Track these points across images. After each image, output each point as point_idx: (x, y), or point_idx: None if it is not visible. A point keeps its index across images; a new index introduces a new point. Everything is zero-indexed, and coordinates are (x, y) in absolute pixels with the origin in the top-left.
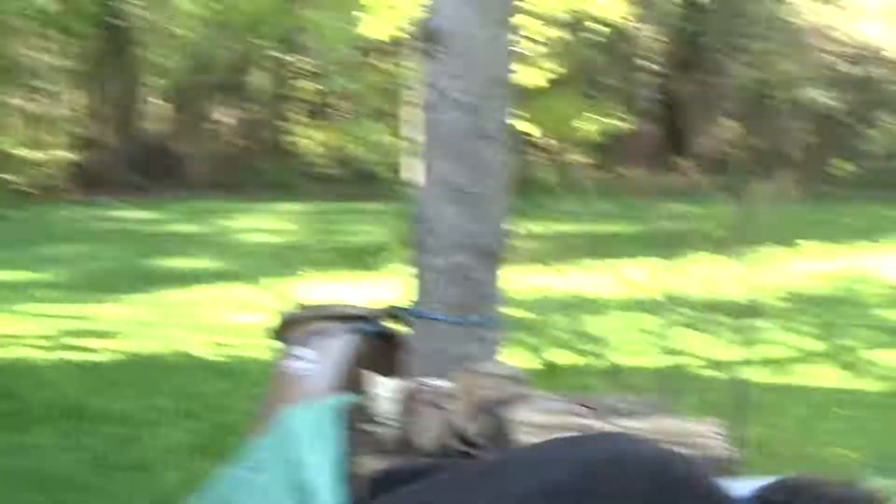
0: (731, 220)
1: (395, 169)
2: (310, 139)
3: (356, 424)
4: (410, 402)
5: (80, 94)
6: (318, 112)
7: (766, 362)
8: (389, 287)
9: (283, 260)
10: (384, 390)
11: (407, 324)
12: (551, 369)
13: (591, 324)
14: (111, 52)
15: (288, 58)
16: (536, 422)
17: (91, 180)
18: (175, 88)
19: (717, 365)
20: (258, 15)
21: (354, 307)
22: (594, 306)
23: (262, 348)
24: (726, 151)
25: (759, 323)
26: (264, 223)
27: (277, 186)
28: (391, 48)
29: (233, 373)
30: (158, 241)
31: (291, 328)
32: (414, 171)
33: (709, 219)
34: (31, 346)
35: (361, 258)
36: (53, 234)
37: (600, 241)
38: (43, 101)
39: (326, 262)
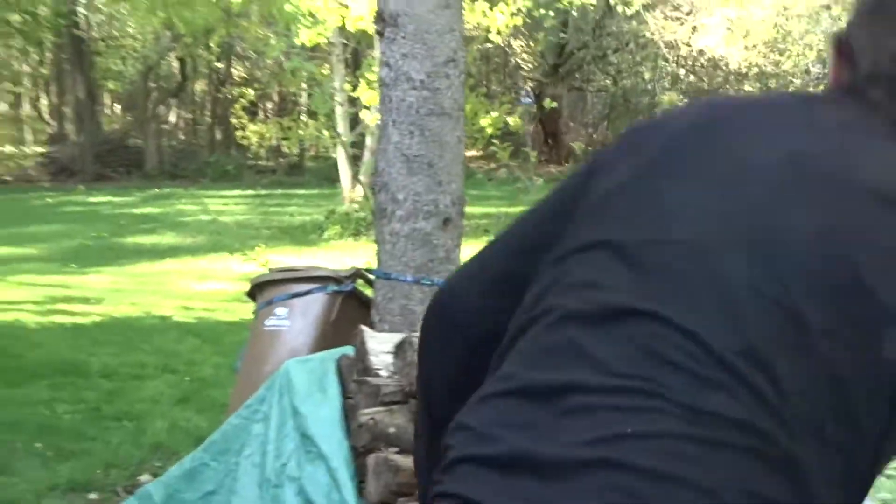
0: None
1: (324, 158)
2: (249, 135)
3: (354, 377)
4: (410, 354)
5: (44, 96)
6: (255, 111)
7: None
8: (329, 257)
9: (235, 236)
10: (377, 344)
11: (372, 284)
12: None
13: None
14: (72, 59)
15: (227, 65)
16: None
17: (59, 170)
18: (129, 91)
19: None
20: (206, 25)
21: (324, 269)
22: None
23: (224, 311)
24: (593, 147)
25: None
26: (214, 206)
27: (222, 176)
28: (318, 54)
29: (201, 332)
30: (124, 221)
31: (266, 289)
32: (342, 159)
33: None
34: (24, 310)
35: (302, 234)
36: (31, 216)
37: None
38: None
39: (272, 238)
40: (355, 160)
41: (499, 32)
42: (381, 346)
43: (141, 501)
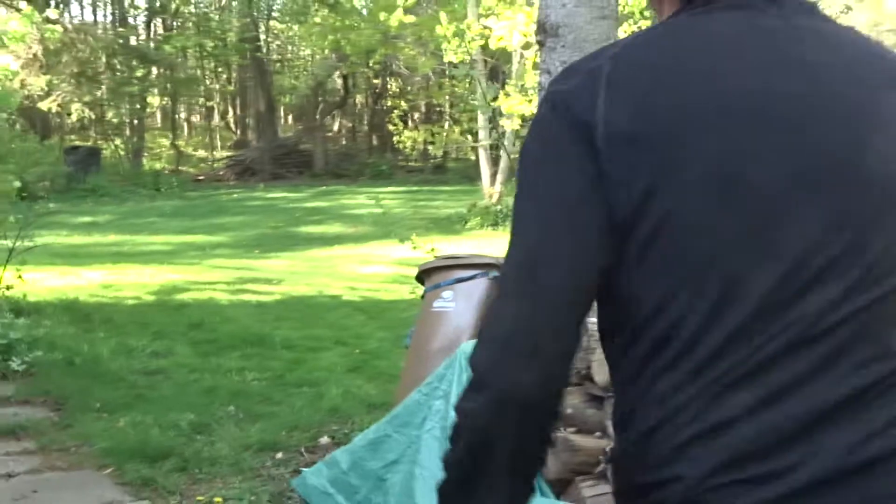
0: None
1: (463, 160)
2: (404, 139)
3: None
4: (585, 339)
5: (231, 109)
6: (405, 120)
7: None
8: (472, 245)
9: (390, 226)
10: None
11: None
12: None
13: None
14: (254, 77)
15: (383, 81)
16: None
17: (243, 170)
18: (300, 104)
19: None
20: (368, 46)
21: (486, 256)
22: None
23: (385, 291)
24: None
25: None
26: (371, 201)
27: (378, 175)
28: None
29: (367, 310)
30: (297, 214)
31: (433, 275)
32: (482, 160)
33: None
34: (216, 290)
35: (448, 224)
36: (220, 210)
37: None
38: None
39: (422, 228)
40: (494, 161)
41: None
42: None
43: (329, 467)
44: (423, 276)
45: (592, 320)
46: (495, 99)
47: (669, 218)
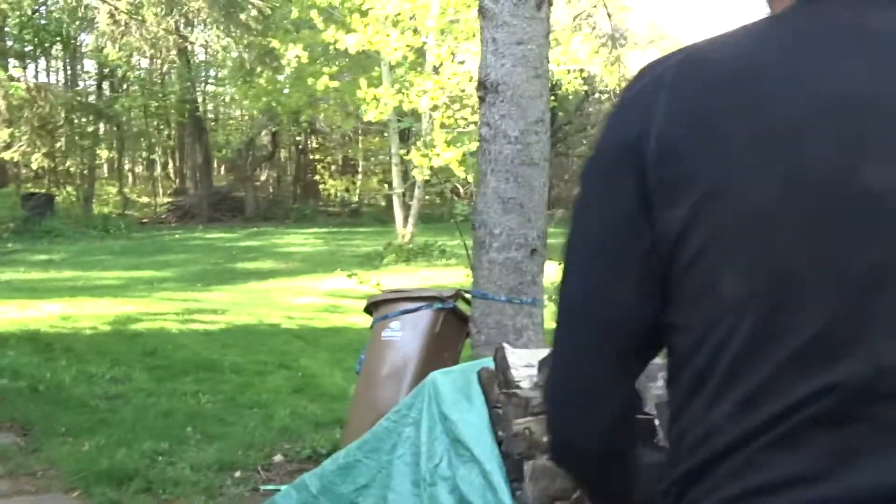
0: None
1: (375, 205)
2: (329, 187)
3: (496, 388)
4: None
5: (171, 161)
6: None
7: None
8: (390, 278)
9: (317, 262)
10: (516, 359)
11: (469, 303)
12: None
13: None
14: (192, 133)
15: (306, 137)
16: None
17: (183, 214)
18: (233, 157)
19: None
20: (296, 108)
21: (430, 290)
22: None
23: (318, 319)
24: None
25: None
26: (298, 240)
27: (301, 218)
28: (379, 127)
29: (304, 336)
30: (233, 252)
31: (381, 307)
32: (396, 205)
33: None
34: (167, 320)
35: (367, 260)
36: (164, 249)
37: None
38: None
39: (344, 263)
40: (405, 206)
41: None
42: (519, 360)
43: (298, 491)
44: (371, 308)
45: None
46: (407, 153)
47: (716, 241)
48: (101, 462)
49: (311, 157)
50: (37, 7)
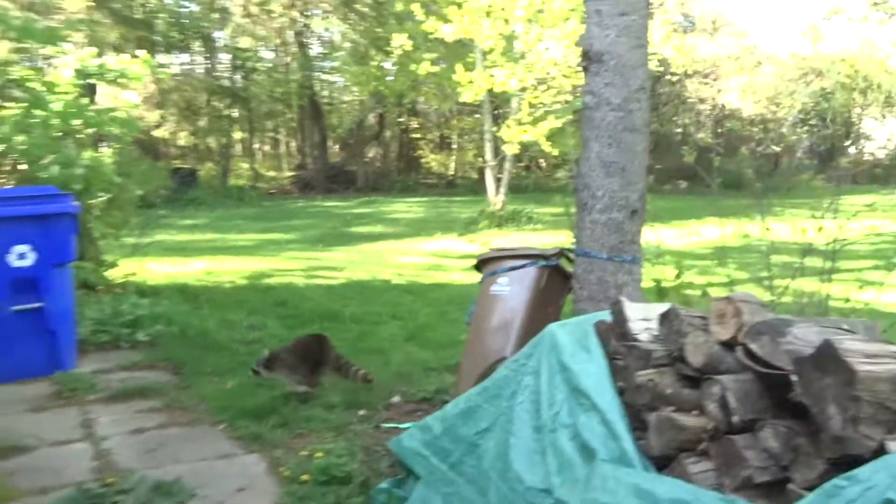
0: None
1: (469, 177)
2: (430, 161)
3: (614, 340)
4: (676, 323)
5: (293, 140)
6: (428, 146)
7: None
8: (485, 240)
9: (420, 227)
10: (632, 312)
11: (572, 261)
12: (660, 289)
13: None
14: (311, 115)
15: (408, 118)
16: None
17: (304, 186)
18: (345, 136)
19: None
20: (400, 91)
21: (535, 248)
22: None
23: (423, 276)
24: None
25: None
26: (403, 208)
27: (404, 189)
28: (472, 108)
29: (412, 291)
30: (347, 217)
31: (490, 264)
32: (488, 177)
33: None
34: (294, 275)
35: (463, 225)
36: (289, 215)
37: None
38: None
39: (443, 229)
40: (496, 178)
41: None
42: (635, 313)
43: (423, 432)
44: (480, 265)
45: (686, 311)
46: (499, 130)
47: None
48: (243, 399)
49: (412, 135)
50: (180, 9)
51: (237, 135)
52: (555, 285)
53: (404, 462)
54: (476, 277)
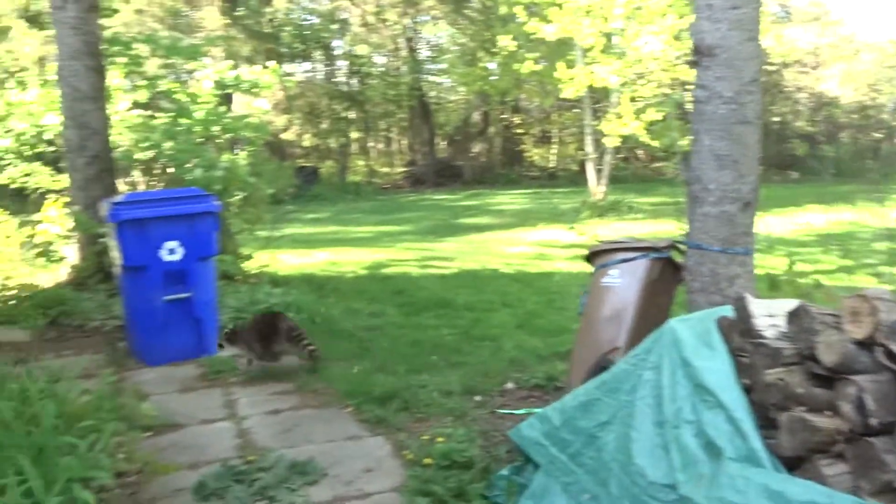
0: None
1: (569, 169)
2: (533, 155)
3: (740, 337)
4: (807, 321)
5: (404, 138)
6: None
7: None
8: (585, 233)
9: (524, 218)
10: (760, 309)
11: (683, 253)
12: (772, 280)
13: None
14: (420, 114)
15: (510, 114)
16: None
17: (414, 181)
18: (451, 133)
19: None
20: (504, 89)
21: (646, 240)
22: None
23: (530, 266)
24: None
25: None
26: (507, 200)
27: (508, 182)
28: (571, 103)
29: (520, 280)
30: (456, 210)
31: (601, 256)
32: (589, 169)
33: None
34: (409, 265)
35: (564, 216)
36: (401, 208)
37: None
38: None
39: (546, 219)
40: (597, 170)
41: None
42: (759, 309)
43: (542, 422)
44: (591, 257)
45: (817, 308)
46: (599, 124)
47: None
48: (367, 383)
49: (514, 131)
50: (302, 22)
51: (354, 134)
52: (666, 277)
53: (524, 450)
54: (582, 266)
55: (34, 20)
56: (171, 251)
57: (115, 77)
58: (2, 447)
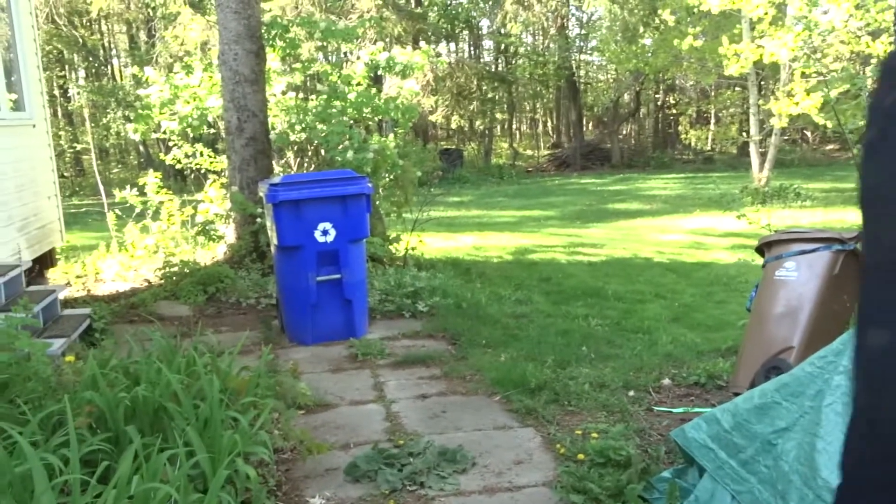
0: None
1: (726, 152)
2: (690, 137)
3: None
4: None
5: (550, 119)
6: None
7: None
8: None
9: (678, 204)
10: None
11: None
12: None
13: None
14: (568, 95)
15: (664, 94)
16: None
17: (560, 164)
18: (600, 114)
19: None
20: (661, 67)
21: (829, 231)
22: None
23: (686, 255)
24: None
25: None
26: (659, 184)
27: (660, 165)
28: (733, 81)
29: (675, 270)
30: (604, 194)
31: (775, 246)
32: (752, 152)
33: None
34: (555, 252)
35: (721, 202)
36: (547, 192)
37: None
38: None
39: (702, 206)
40: (761, 153)
41: None
42: None
43: (709, 424)
44: (763, 248)
45: None
46: (765, 103)
47: None
48: (515, 372)
49: (667, 111)
50: (450, 2)
51: (498, 116)
52: (851, 272)
53: (688, 453)
54: (746, 257)
55: (198, 5)
56: (325, 232)
57: (272, 60)
58: (172, 418)
